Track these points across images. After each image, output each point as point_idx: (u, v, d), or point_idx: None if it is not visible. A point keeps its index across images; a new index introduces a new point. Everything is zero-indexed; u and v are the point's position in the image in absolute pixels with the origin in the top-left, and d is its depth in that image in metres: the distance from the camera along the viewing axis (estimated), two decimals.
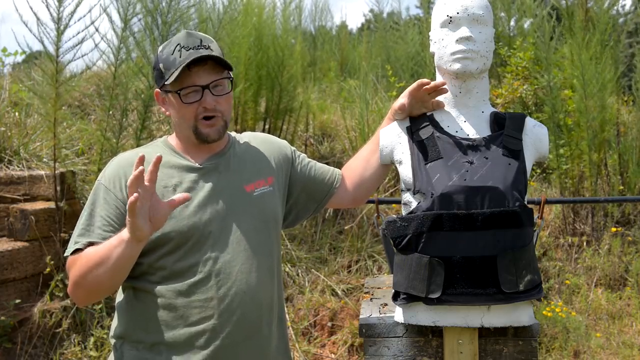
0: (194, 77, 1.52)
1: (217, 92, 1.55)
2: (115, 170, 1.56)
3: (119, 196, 1.52)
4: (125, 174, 1.53)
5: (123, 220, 1.47)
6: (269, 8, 5.30)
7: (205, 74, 1.53)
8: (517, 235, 1.51)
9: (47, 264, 3.51)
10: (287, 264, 4.11)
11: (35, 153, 4.19)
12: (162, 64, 1.55)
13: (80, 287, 1.47)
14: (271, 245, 1.63)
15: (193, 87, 1.52)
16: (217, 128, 1.57)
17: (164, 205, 1.38)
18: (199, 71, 1.52)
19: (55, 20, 3.54)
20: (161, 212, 1.38)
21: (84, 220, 1.52)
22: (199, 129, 1.56)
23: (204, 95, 1.53)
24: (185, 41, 1.53)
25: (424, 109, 1.68)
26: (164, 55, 1.55)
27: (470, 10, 1.60)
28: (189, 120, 1.55)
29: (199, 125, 1.55)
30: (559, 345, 3.66)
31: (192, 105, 1.53)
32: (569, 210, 4.65)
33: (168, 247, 1.50)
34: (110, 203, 1.51)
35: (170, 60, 1.52)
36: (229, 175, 1.61)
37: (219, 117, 1.56)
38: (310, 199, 1.78)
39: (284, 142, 1.81)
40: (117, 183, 1.53)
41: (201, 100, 1.53)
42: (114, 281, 1.46)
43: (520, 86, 5.01)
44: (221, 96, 1.56)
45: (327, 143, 5.40)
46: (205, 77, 1.53)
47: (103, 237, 1.48)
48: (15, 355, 3.36)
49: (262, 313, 1.56)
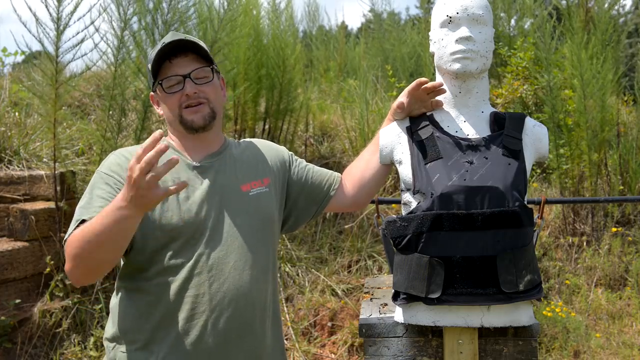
0: (175, 67, 1.57)
1: (200, 81, 1.58)
2: (115, 160, 1.58)
3: (121, 180, 1.52)
4: (126, 162, 1.54)
5: None
6: (269, 8, 5.31)
7: (185, 64, 1.57)
8: (517, 235, 1.51)
9: (47, 264, 3.51)
10: (287, 264, 4.11)
11: (35, 153, 4.20)
12: (149, 64, 1.60)
13: (79, 262, 1.41)
14: (267, 244, 1.63)
15: (175, 77, 1.56)
16: (203, 115, 1.58)
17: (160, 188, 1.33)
18: (179, 62, 1.57)
19: (55, 20, 3.54)
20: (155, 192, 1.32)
21: (83, 203, 1.51)
22: (183, 117, 1.58)
23: (185, 84, 1.56)
24: (168, 38, 1.58)
25: (423, 109, 1.68)
26: (150, 56, 1.60)
27: (470, 10, 1.60)
28: (174, 110, 1.58)
29: (183, 113, 1.58)
30: (559, 345, 3.66)
31: (175, 95, 1.57)
32: (569, 210, 4.65)
33: (163, 241, 1.51)
34: (111, 185, 1.51)
35: (154, 57, 1.57)
36: (225, 174, 1.62)
37: (205, 103, 1.58)
38: (309, 202, 1.78)
39: (281, 147, 1.82)
40: (118, 169, 1.54)
41: (183, 89, 1.56)
42: (114, 251, 1.41)
43: (521, 86, 5.01)
44: (204, 84, 1.58)
45: (327, 143, 5.40)
46: (186, 67, 1.57)
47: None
48: (15, 355, 3.36)
49: (255, 311, 1.56)
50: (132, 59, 4.18)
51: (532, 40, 5.13)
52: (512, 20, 6.06)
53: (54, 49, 3.58)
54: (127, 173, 1.41)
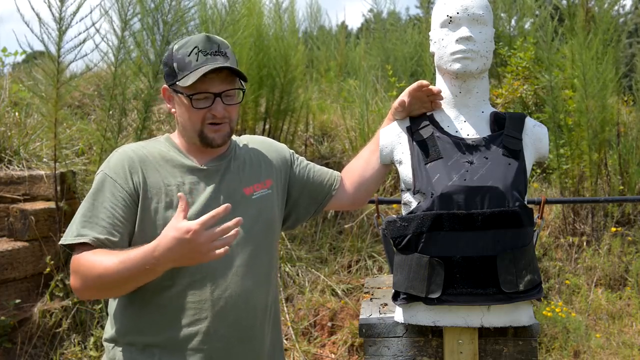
0: (208, 84, 1.52)
1: (228, 101, 1.56)
2: (120, 161, 1.54)
3: (125, 187, 1.50)
4: (130, 163, 1.53)
5: (129, 213, 1.48)
6: (271, 8, 5.31)
7: (219, 82, 1.53)
8: (517, 235, 1.51)
9: (47, 264, 3.51)
10: (287, 264, 4.11)
11: (35, 153, 4.19)
12: (176, 63, 1.54)
13: (89, 287, 1.45)
14: (269, 248, 1.63)
15: (205, 94, 1.53)
16: (223, 134, 1.57)
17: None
18: (213, 79, 1.52)
19: (57, 20, 3.53)
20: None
21: (86, 209, 1.49)
22: (204, 133, 1.56)
23: (215, 103, 1.53)
24: (204, 45, 1.53)
25: (423, 109, 1.69)
26: (179, 55, 1.54)
27: (470, 10, 1.60)
28: (196, 124, 1.55)
29: (205, 129, 1.55)
30: (559, 345, 3.66)
31: (202, 111, 1.54)
32: (569, 210, 4.65)
33: None
34: (115, 195, 1.49)
35: (186, 62, 1.52)
36: (229, 178, 1.60)
37: (227, 123, 1.57)
38: (310, 201, 1.78)
39: (282, 145, 1.81)
40: (122, 173, 1.52)
41: (211, 107, 1.53)
42: (131, 288, 1.45)
43: (521, 86, 5.01)
44: (231, 105, 1.56)
45: (327, 143, 5.40)
46: (219, 85, 1.53)
47: (108, 231, 1.45)
48: (15, 355, 3.36)
49: (256, 316, 1.56)
50: (132, 59, 4.18)
51: (532, 40, 5.13)
52: (513, 20, 6.06)
53: (56, 49, 3.58)
54: (132, 180, 1.44)
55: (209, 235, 1.29)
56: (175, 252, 1.31)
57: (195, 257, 1.32)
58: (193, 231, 1.28)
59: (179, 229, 1.30)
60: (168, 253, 1.32)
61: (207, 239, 1.29)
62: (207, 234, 1.29)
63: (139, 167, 1.53)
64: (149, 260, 1.34)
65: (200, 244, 1.30)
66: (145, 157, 1.56)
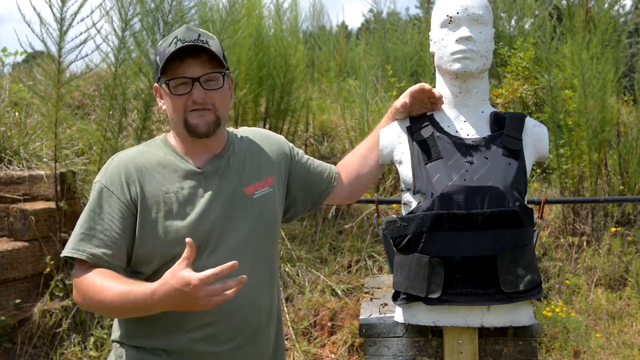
0: (185, 69, 1.49)
1: (209, 86, 1.51)
2: (116, 170, 1.53)
3: (122, 199, 1.49)
4: (126, 173, 1.51)
5: (126, 224, 1.47)
6: (272, 8, 5.31)
7: (197, 66, 1.49)
8: (517, 235, 1.52)
9: (47, 264, 3.51)
10: (287, 264, 4.11)
11: (35, 153, 4.19)
12: (158, 56, 1.53)
13: (93, 308, 1.51)
14: (271, 248, 1.62)
15: (183, 79, 1.49)
16: (207, 121, 1.52)
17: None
18: (191, 63, 1.49)
19: (59, 20, 3.53)
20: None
21: (84, 221, 1.49)
22: (188, 120, 1.52)
23: (194, 88, 1.49)
24: (183, 35, 1.50)
25: (423, 109, 1.70)
26: (161, 49, 1.52)
27: (470, 10, 1.60)
28: (180, 113, 1.52)
29: (188, 117, 1.51)
30: (559, 345, 3.66)
31: (181, 98, 1.50)
32: (569, 210, 4.65)
33: (170, 254, 1.47)
34: (112, 206, 1.48)
35: (165, 52, 1.49)
36: (229, 178, 1.58)
37: (210, 110, 1.52)
38: (309, 195, 1.77)
39: (282, 139, 1.78)
40: (118, 183, 1.50)
41: (190, 93, 1.49)
42: (131, 317, 1.48)
43: (521, 86, 5.01)
44: (213, 90, 1.51)
45: (327, 143, 5.40)
46: (197, 70, 1.49)
47: (105, 244, 1.45)
48: (15, 355, 3.36)
49: (261, 317, 1.56)
50: (132, 59, 4.18)
51: (532, 40, 5.13)
52: (513, 20, 6.07)
53: (57, 49, 3.58)
54: (128, 190, 1.46)
55: (209, 290, 1.27)
56: (173, 300, 1.30)
57: (193, 307, 1.31)
58: (193, 285, 1.26)
59: (180, 280, 1.27)
60: (166, 299, 1.31)
61: (206, 294, 1.27)
62: (207, 289, 1.27)
63: (136, 177, 1.51)
64: (147, 302, 1.34)
65: (199, 298, 1.27)
66: (142, 166, 1.53)
